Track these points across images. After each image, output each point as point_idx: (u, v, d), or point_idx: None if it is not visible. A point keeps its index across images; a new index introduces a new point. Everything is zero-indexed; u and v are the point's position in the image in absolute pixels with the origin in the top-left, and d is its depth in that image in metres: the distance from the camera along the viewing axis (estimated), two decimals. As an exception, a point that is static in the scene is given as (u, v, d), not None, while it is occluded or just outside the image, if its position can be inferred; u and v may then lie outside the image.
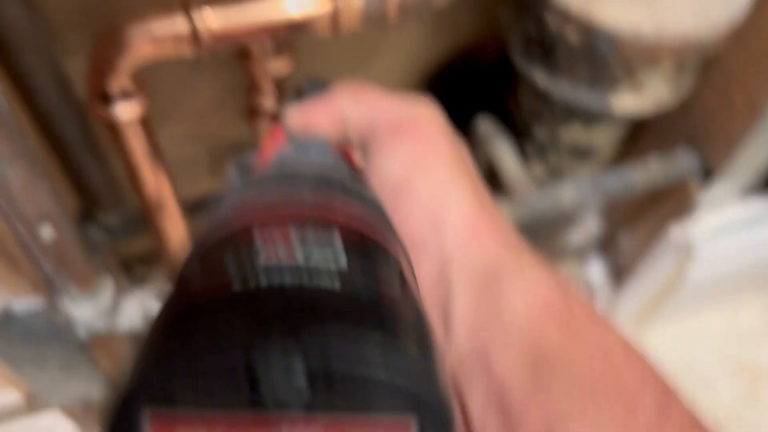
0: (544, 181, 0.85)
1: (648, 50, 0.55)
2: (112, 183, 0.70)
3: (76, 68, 0.62)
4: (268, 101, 0.57)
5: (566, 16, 0.56)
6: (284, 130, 0.35)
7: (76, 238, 0.46)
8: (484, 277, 0.25)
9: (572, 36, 0.57)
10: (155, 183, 0.58)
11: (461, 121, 0.97)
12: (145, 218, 0.64)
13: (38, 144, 0.60)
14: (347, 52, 0.81)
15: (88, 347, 0.66)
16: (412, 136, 0.30)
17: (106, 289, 0.53)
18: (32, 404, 0.95)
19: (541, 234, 1.00)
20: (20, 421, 1.00)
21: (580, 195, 0.76)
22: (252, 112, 0.59)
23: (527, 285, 0.25)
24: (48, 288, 0.49)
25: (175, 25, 0.45)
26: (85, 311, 0.53)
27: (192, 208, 0.84)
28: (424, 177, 0.28)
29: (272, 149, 0.34)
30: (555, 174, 0.83)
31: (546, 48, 0.62)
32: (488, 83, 0.97)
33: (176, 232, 0.65)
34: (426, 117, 0.31)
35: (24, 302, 0.45)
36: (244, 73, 0.55)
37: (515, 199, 0.73)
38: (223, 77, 0.74)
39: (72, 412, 0.70)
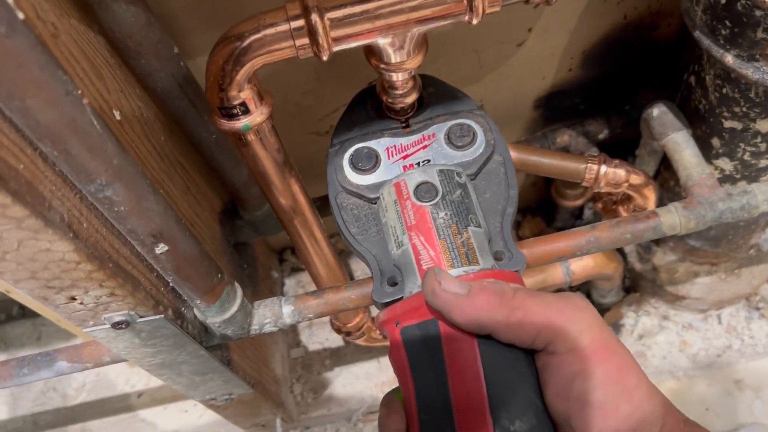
0: (734, 178, 0.71)
1: None
2: (252, 182, 0.70)
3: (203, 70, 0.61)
4: (401, 101, 0.51)
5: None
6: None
7: (194, 253, 0.44)
8: None
9: (777, 8, 0.44)
10: (286, 191, 0.55)
11: (629, 108, 0.84)
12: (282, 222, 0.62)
13: (178, 145, 0.60)
14: (497, 33, 0.73)
15: (226, 349, 0.66)
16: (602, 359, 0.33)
17: (234, 300, 0.52)
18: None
19: (727, 237, 0.85)
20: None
21: (781, 198, 0.62)
22: (385, 109, 0.54)
23: None
24: (174, 301, 0.49)
25: (292, 29, 0.41)
26: (213, 320, 0.52)
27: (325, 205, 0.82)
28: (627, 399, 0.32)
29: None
30: (747, 169, 0.69)
31: (739, 23, 0.49)
32: (663, 64, 0.84)
33: (313, 237, 0.63)
34: (593, 326, 0.34)
35: (145, 316, 0.45)
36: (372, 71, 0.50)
37: (698, 203, 0.61)
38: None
39: (214, 405, 0.72)
